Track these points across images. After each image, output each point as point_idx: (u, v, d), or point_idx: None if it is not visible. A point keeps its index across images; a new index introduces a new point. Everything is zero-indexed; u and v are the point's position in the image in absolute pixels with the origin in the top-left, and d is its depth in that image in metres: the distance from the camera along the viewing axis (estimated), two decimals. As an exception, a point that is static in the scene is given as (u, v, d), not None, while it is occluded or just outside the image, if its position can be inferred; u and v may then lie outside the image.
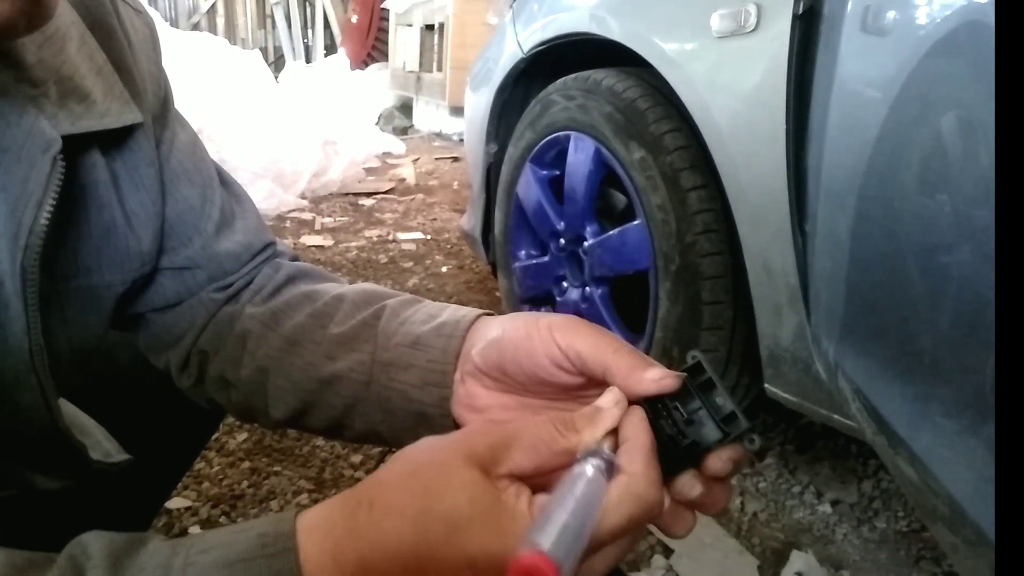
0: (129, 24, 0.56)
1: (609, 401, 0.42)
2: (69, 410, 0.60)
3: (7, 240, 0.45)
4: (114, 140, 0.53)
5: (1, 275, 0.45)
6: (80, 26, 0.51)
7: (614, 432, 0.40)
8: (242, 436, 1.55)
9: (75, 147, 0.48)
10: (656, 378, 0.43)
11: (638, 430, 0.40)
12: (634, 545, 0.39)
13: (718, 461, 0.41)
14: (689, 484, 0.41)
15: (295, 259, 0.67)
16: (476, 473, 0.35)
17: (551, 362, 0.46)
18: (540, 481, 0.37)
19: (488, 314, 0.54)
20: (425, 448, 0.37)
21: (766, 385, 1.23)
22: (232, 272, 0.62)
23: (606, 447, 0.39)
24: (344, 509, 0.35)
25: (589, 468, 0.36)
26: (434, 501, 0.34)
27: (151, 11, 0.64)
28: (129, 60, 0.55)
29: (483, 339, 0.51)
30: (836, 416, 1.10)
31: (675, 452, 0.41)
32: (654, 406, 0.42)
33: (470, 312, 0.54)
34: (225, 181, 0.65)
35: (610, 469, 0.37)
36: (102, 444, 0.62)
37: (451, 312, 0.55)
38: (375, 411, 0.55)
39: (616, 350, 0.44)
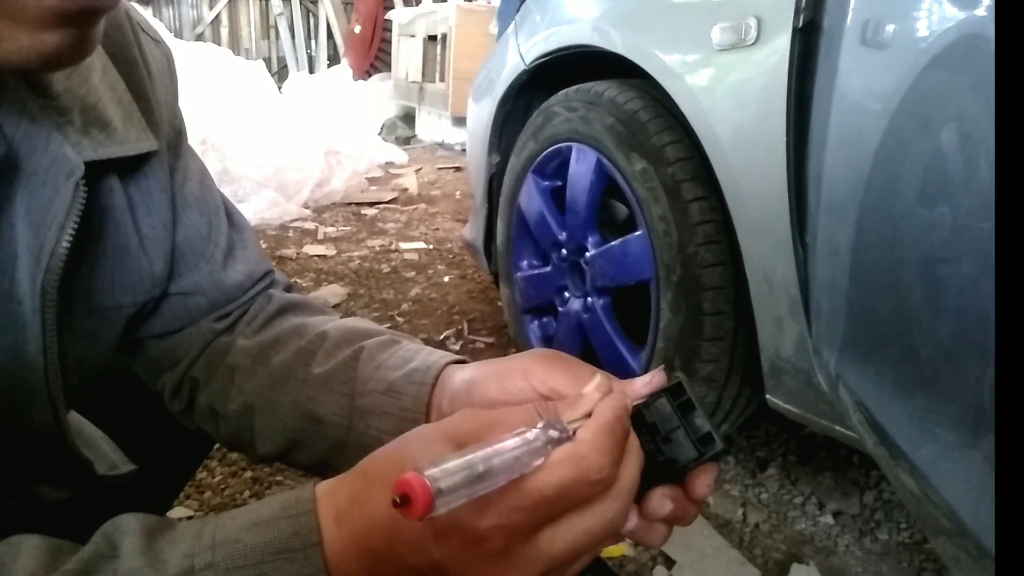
0: (149, 54, 0.58)
1: (592, 387, 0.42)
2: (76, 421, 0.61)
3: (29, 261, 0.46)
4: (131, 166, 0.55)
5: (21, 295, 0.46)
6: (102, 55, 0.52)
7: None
8: (244, 446, 1.55)
9: (95, 172, 0.50)
10: (645, 382, 0.44)
11: (606, 407, 0.39)
12: (607, 531, 0.37)
13: (698, 483, 0.43)
14: (659, 504, 0.42)
15: (289, 288, 0.69)
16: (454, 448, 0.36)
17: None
18: None
19: (460, 361, 0.55)
20: (416, 429, 0.39)
21: (767, 396, 1.23)
22: (233, 300, 0.63)
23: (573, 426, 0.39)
24: (347, 479, 0.38)
25: (534, 432, 0.36)
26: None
27: (155, 21, 0.66)
28: (148, 89, 0.56)
29: (451, 389, 0.52)
30: (837, 427, 1.10)
31: (652, 468, 0.42)
32: (635, 424, 0.43)
33: (440, 358, 0.55)
34: (228, 211, 0.66)
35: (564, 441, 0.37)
36: (108, 456, 0.63)
37: (423, 357, 0.55)
38: (355, 456, 0.55)
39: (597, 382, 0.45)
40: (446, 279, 2.74)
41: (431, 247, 3.16)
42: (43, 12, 0.37)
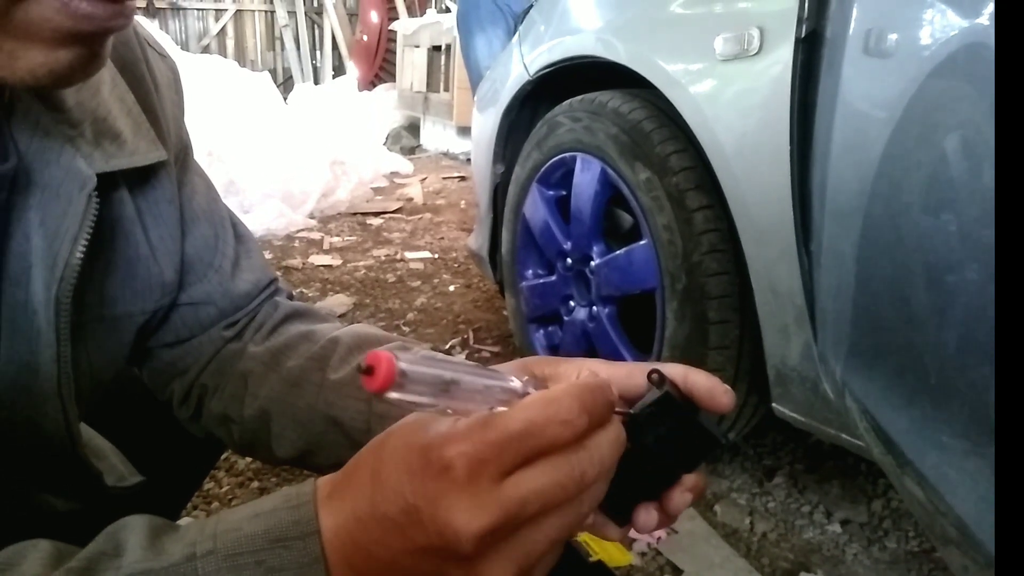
0: (156, 68, 0.59)
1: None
2: (85, 432, 0.61)
3: (44, 272, 0.47)
4: (140, 177, 0.56)
5: (36, 305, 0.47)
6: (111, 68, 0.53)
7: None
8: (251, 456, 1.55)
9: (106, 184, 0.51)
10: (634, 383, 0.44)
11: (586, 378, 0.39)
12: (579, 488, 0.35)
13: (683, 492, 0.42)
14: (681, 499, 0.42)
15: (291, 296, 0.70)
16: (437, 425, 0.35)
17: None
18: None
19: None
20: (410, 417, 0.39)
21: (774, 404, 1.23)
22: (241, 308, 0.64)
23: None
24: (345, 470, 0.38)
25: (514, 381, 0.37)
26: (388, 437, 0.36)
27: (161, 34, 0.67)
28: (155, 102, 0.57)
29: None
30: (844, 435, 1.10)
31: (646, 471, 0.41)
32: (636, 431, 0.41)
33: None
34: (233, 222, 0.67)
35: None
36: (117, 467, 0.64)
37: None
38: None
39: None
40: (451, 288, 2.75)
41: (436, 256, 3.16)
42: (58, 32, 0.38)
